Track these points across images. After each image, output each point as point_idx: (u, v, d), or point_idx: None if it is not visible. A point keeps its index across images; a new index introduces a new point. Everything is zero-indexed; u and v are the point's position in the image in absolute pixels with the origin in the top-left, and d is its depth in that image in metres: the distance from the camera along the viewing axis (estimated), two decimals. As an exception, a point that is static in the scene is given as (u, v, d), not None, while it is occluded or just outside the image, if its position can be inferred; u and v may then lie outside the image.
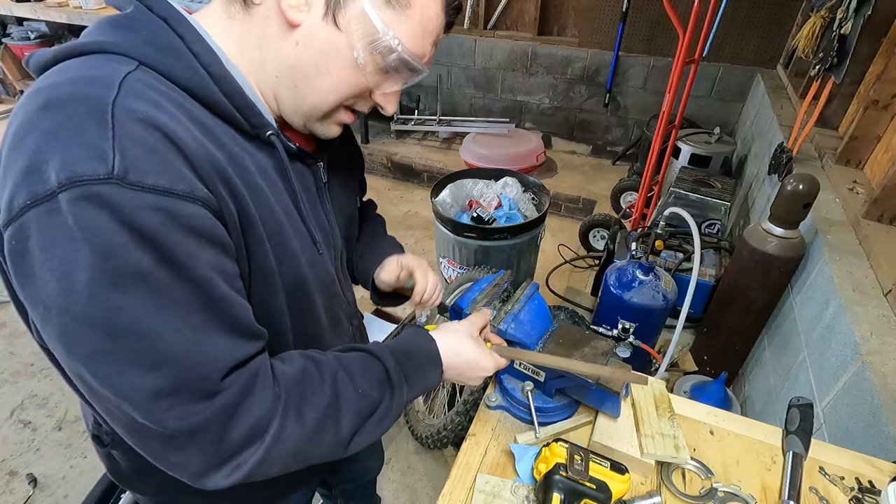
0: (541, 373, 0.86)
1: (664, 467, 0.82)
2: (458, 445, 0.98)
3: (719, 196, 2.47)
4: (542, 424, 0.87)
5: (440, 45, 0.65)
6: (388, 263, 0.96)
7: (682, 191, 2.49)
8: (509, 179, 2.44)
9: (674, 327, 1.68)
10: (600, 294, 1.96)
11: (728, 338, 1.83)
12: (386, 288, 0.98)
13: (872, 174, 1.81)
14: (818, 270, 1.46)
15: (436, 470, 1.96)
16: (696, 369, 1.94)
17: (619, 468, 0.74)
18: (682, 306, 1.63)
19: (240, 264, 0.57)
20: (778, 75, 3.21)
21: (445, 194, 2.37)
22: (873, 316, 1.20)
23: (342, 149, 0.82)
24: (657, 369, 1.76)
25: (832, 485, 0.82)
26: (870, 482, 0.82)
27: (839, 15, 1.73)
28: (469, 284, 1.07)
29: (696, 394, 1.69)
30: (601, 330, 1.74)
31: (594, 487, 0.70)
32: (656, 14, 3.48)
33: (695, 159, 2.90)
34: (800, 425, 0.86)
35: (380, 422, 0.65)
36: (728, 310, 1.79)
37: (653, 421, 0.86)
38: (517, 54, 4.10)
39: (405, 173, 4.17)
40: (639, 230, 2.30)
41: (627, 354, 1.65)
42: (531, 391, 0.86)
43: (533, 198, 2.44)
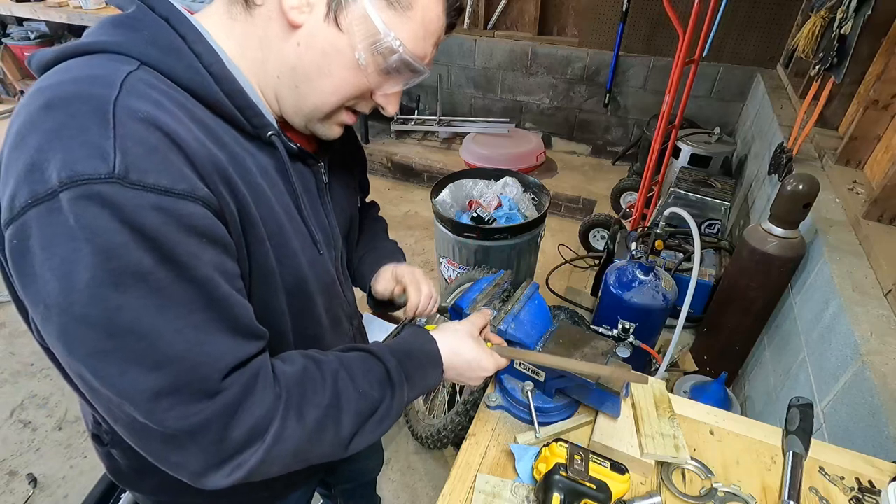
0: (541, 373, 0.86)
1: (664, 467, 0.82)
2: (458, 445, 0.98)
3: (719, 196, 2.47)
4: (542, 424, 0.87)
5: (440, 46, 0.65)
6: (384, 274, 0.96)
7: (682, 191, 2.49)
8: (509, 179, 2.44)
9: (674, 327, 1.68)
10: (600, 294, 1.96)
11: (728, 338, 1.83)
12: (382, 298, 0.99)
13: (872, 174, 1.81)
14: (818, 270, 1.46)
15: (436, 470, 1.96)
16: (696, 369, 1.94)
17: (619, 468, 0.74)
18: (682, 306, 1.63)
19: (240, 264, 0.57)
20: (778, 75, 3.21)
21: (445, 194, 2.37)
22: (873, 316, 1.20)
23: (343, 149, 0.82)
24: (657, 369, 1.76)
25: (832, 485, 0.82)
26: (870, 482, 0.82)
27: (839, 15, 1.73)
28: (469, 284, 1.07)
29: (696, 394, 1.69)
30: (601, 330, 1.74)
31: (594, 487, 0.70)
32: (656, 14, 3.48)
33: (695, 159, 2.90)
34: (800, 425, 0.86)
35: (380, 422, 0.65)
36: (728, 310, 1.79)
37: (653, 421, 0.86)
38: (517, 54, 4.10)
39: (405, 173, 4.17)
40: (639, 230, 2.30)
41: (627, 354, 1.64)
42: (531, 391, 0.86)
43: (533, 198, 2.44)
